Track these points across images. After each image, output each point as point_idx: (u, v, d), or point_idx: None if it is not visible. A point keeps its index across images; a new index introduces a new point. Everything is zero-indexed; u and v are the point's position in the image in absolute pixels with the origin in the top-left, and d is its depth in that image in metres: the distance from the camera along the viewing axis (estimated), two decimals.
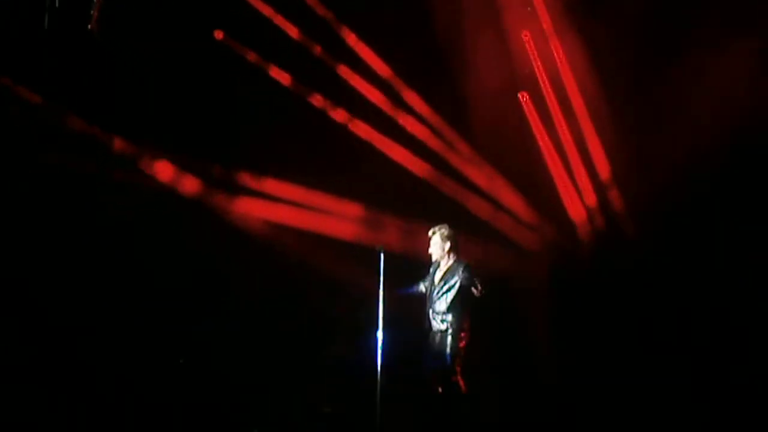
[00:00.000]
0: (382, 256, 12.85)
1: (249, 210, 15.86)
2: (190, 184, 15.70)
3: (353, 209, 15.90)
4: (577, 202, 15.79)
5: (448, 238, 13.07)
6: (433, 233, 13.15)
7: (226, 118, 15.54)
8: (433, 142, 15.90)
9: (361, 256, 14.09)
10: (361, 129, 15.85)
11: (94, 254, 14.91)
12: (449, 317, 12.78)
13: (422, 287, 13.14)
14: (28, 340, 14.26)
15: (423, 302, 13.06)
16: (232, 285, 15.36)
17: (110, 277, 14.89)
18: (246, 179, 15.91)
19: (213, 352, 14.78)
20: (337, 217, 15.85)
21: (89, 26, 14.16)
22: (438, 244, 13.10)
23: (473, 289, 12.65)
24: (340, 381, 14.57)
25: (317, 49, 15.79)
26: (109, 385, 14.16)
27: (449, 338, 12.75)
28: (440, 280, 12.96)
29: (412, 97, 15.84)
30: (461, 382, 12.71)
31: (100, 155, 15.29)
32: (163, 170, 15.59)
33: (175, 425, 13.78)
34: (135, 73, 15.14)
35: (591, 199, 15.74)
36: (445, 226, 13.18)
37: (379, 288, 12.75)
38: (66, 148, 15.06)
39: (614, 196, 15.65)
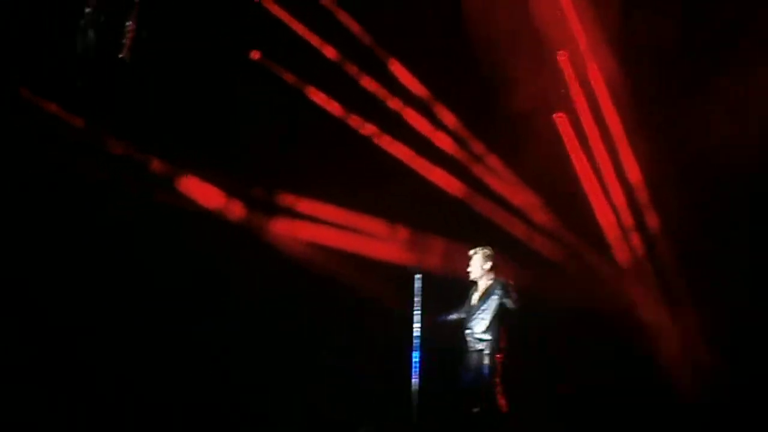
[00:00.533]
0: (417, 278, 12.93)
1: (288, 230, 15.93)
2: (234, 208, 15.83)
3: (389, 230, 15.92)
4: (613, 222, 15.75)
5: (488, 258, 13.12)
6: (474, 253, 13.20)
7: (264, 138, 15.64)
8: (469, 162, 15.91)
9: (397, 277, 14.14)
10: (398, 149, 15.89)
11: (100, 256, 15.01)
12: (487, 336, 12.80)
13: (460, 312, 13.17)
14: (29, 339, 14.32)
15: (461, 323, 13.11)
16: (264, 305, 15.44)
17: (115, 278, 14.98)
18: (285, 200, 15.99)
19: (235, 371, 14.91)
20: (371, 237, 15.89)
21: (121, 53, 14.25)
22: (478, 265, 13.14)
23: (509, 300, 12.65)
24: (376, 401, 14.61)
25: (355, 71, 15.84)
26: (109, 384, 14.25)
27: (486, 357, 12.77)
28: (479, 300, 12.99)
29: (448, 117, 15.87)
30: (501, 400, 12.74)
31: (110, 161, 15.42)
32: (195, 188, 15.71)
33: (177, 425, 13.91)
34: (161, 89, 15.26)
35: (627, 219, 15.71)
36: (486, 246, 13.26)
37: (412, 310, 12.84)
38: (73, 152, 15.19)
39: (650, 216, 15.61)
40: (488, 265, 13.09)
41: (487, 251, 13.17)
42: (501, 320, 12.82)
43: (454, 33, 15.43)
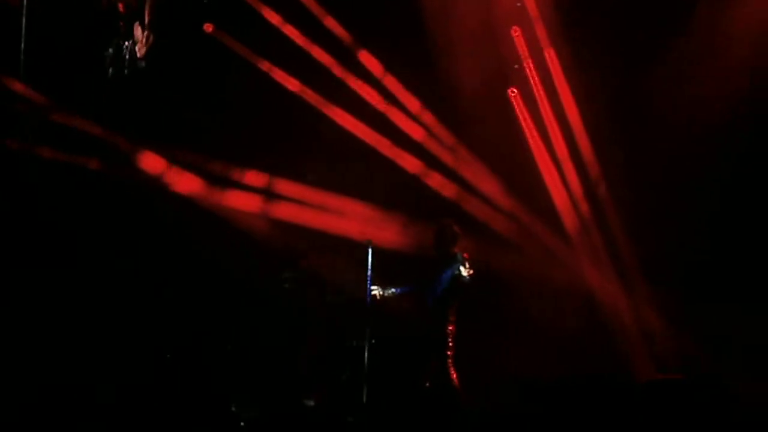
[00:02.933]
0: (370, 250, 12.96)
1: (245, 205, 15.93)
2: (191, 182, 15.84)
3: (347, 205, 15.92)
4: (566, 198, 15.81)
5: (447, 231, 13.14)
6: (436, 227, 13.23)
7: (226, 117, 15.67)
8: (424, 139, 15.93)
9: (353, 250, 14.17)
10: (354, 125, 15.87)
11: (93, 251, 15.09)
12: (438, 310, 12.82)
13: (412, 285, 13.19)
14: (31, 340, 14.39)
15: (415, 298, 13.14)
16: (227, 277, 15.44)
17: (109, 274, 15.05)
18: (242, 175, 15.98)
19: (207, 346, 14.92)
20: (330, 213, 15.89)
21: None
22: (438, 238, 13.16)
23: (462, 269, 12.65)
24: (325, 375, 14.63)
25: (312, 47, 15.82)
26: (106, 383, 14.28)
27: (438, 330, 12.79)
28: (436, 273, 12.99)
29: (402, 93, 15.87)
30: (452, 374, 12.78)
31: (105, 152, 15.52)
32: (156, 165, 15.72)
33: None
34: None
35: (579, 194, 15.77)
36: (447, 219, 13.30)
37: (367, 282, 12.87)
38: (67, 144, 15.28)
39: (602, 191, 15.68)
40: (447, 239, 13.10)
41: (445, 224, 13.21)
42: (453, 293, 12.84)
43: (409, 9, 15.40)
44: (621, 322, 15.54)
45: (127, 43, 14.34)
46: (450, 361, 12.81)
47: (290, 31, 15.76)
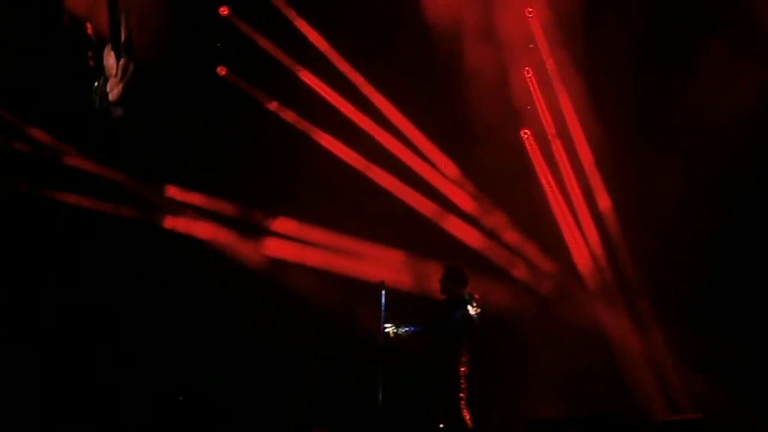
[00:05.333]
0: (384, 292, 12.98)
1: (256, 246, 15.94)
2: (204, 227, 15.94)
3: (359, 246, 15.93)
4: (580, 240, 15.76)
5: (456, 274, 13.15)
6: (444, 270, 13.25)
7: (235, 158, 15.80)
8: (437, 180, 15.95)
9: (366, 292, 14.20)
10: (366, 166, 15.93)
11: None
12: (450, 350, 12.81)
13: (427, 325, 13.19)
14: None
15: (426, 338, 13.12)
16: (238, 319, 15.54)
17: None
18: (255, 218, 16.01)
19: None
20: (342, 254, 15.90)
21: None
22: (446, 281, 13.16)
23: (470, 309, 12.67)
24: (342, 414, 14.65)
25: (323, 87, 15.89)
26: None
27: (450, 371, 12.77)
28: (444, 314, 12.99)
29: (417, 136, 15.90)
30: (466, 415, 12.75)
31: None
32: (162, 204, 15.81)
33: None
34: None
35: (593, 238, 15.72)
36: (454, 263, 13.33)
37: (381, 322, 12.88)
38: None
39: (617, 235, 15.63)
40: (455, 281, 13.12)
41: (453, 267, 13.24)
42: (464, 334, 12.83)
43: (421, 51, 15.52)
44: (634, 362, 15.46)
45: (97, 83, 12.60)
46: (463, 402, 12.79)
47: (305, 75, 15.87)
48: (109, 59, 12.34)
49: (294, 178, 15.81)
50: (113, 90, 12.28)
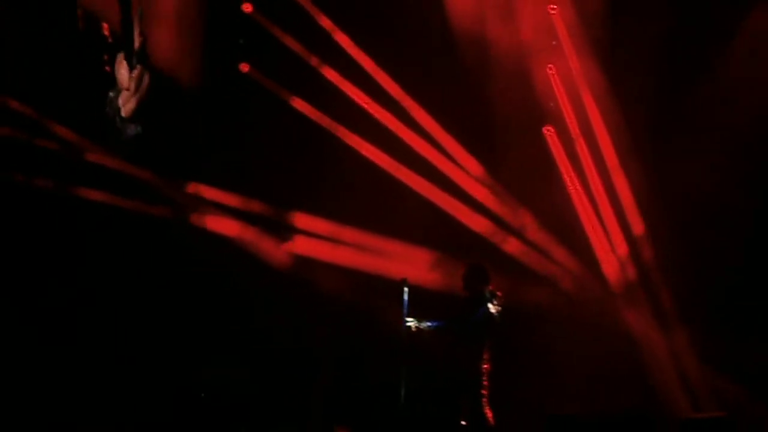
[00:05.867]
0: (406, 289, 12.98)
1: (279, 244, 15.97)
2: (229, 223, 15.92)
3: (383, 244, 15.95)
4: (603, 238, 15.74)
5: (478, 271, 13.15)
6: (466, 267, 13.25)
7: (256, 152, 15.74)
8: (460, 178, 15.94)
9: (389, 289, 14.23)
10: (390, 164, 15.91)
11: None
12: (472, 348, 12.81)
13: (448, 321, 13.18)
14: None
15: (448, 334, 13.12)
16: (260, 317, 15.53)
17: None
18: (279, 215, 16.04)
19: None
20: (366, 252, 15.92)
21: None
22: (468, 278, 13.16)
23: (491, 306, 12.68)
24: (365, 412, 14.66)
25: (348, 86, 15.88)
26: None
27: (473, 367, 12.77)
28: (466, 311, 12.99)
29: (439, 133, 15.87)
30: (488, 413, 12.77)
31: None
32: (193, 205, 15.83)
33: None
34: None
35: (617, 235, 15.70)
36: (476, 261, 13.33)
37: (403, 320, 12.89)
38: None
39: (640, 232, 15.62)
40: (478, 279, 13.11)
41: (476, 265, 13.24)
42: (486, 331, 12.83)
43: (443, 48, 15.55)
44: (657, 361, 15.46)
45: (111, 93, 11.13)
46: (485, 399, 12.79)
47: (328, 72, 15.85)
48: (121, 70, 11.07)
49: (318, 176, 15.80)
50: (126, 105, 10.99)
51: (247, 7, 15.66)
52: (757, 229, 15.01)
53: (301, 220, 16.03)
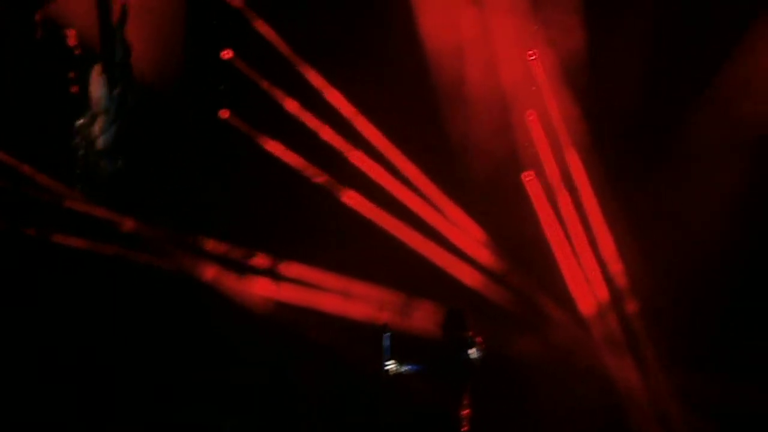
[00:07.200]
0: (387, 334, 12.92)
1: (255, 289, 15.87)
2: (202, 266, 15.81)
3: (357, 287, 15.87)
4: (582, 282, 15.74)
5: (456, 317, 13.08)
6: (445, 312, 13.18)
7: (238, 200, 15.71)
8: (438, 222, 15.90)
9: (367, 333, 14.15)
10: (365, 207, 15.86)
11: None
12: (452, 393, 12.72)
13: (428, 366, 13.10)
14: None
15: (430, 379, 13.05)
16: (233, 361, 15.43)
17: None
18: (253, 258, 15.95)
19: None
20: (341, 295, 15.83)
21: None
22: (447, 324, 13.10)
23: (471, 351, 12.61)
24: None
25: (317, 124, 15.86)
26: None
27: (453, 412, 12.68)
28: (449, 356, 12.91)
29: (415, 175, 15.86)
30: None
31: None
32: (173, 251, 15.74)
33: None
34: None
35: (597, 279, 15.70)
36: (455, 306, 13.26)
37: (383, 365, 12.83)
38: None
39: (619, 276, 15.62)
40: (455, 322, 13.04)
41: (452, 309, 13.17)
42: (465, 377, 12.76)
43: (421, 91, 15.56)
44: (639, 409, 15.41)
45: (81, 119, 9.29)
46: None
47: (308, 118, 15.85)
48: (97, 88, 9.13)
49: (293, 220, 15.75)
50: (104, 134, 9.10)
51: (227, 54, 15.70)
52: (741, 274, 15.05)
53: (278, 264, 15.95)
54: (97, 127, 9.21)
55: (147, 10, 12.40)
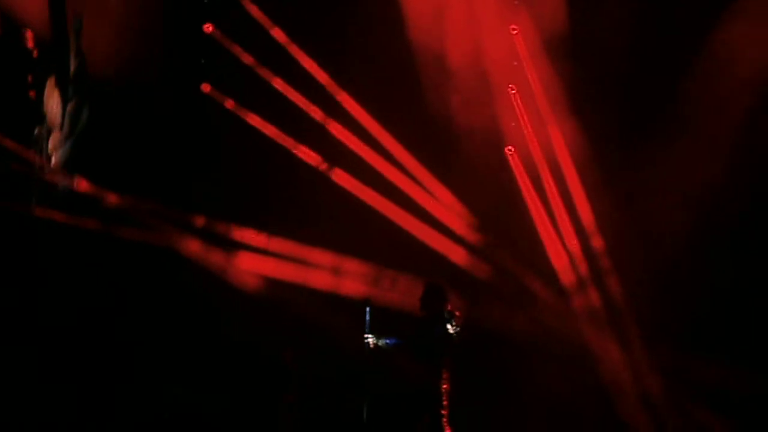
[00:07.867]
0: (368, 309, 12.96)
1: (240, 264, 15.87)
2: (188, 242, 15.77)
3: (344, 263, 15.86)
4: (564, 257, 15.78)
5: (436, 291, 13.10)
6: (424, 286, 13.21)
7: (224, 177, 15.71)
8: (420, 196, 15.92)
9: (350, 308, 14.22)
10: (348, 182, 15.88)
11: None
12: (430, 367, 12.76)
13: (407, 340, 13.14)
14: None
15: (409, 353, 13.08)
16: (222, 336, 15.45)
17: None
18: (237, 233, 15.95)
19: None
20: (325, 270, 15.84)
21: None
22: (426, 298, 13.12)
23: (450, 327, 12.63)
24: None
25: (305, 103, 15.85)
26: None
27: (432, 387, 12.72)
28: (427, 330, 12.94)
29: (398, 150, 15.86)
30: (448, 431, 12.70)
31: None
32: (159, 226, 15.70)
33: None
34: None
35: (578, 253, 15.73)
36: (434, 279, 13.28)
37: (365, 339, 12.87)
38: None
39: (601, 251, 15.64)
40: (438, 298, 13.07)
41: (436, 284, 13.20)
42: (445, 351, 12.79)
43: (404, 67, 15.55)
44: (620, 385, 15.47)
45: (38, 129, 8.34)
46: (445, 419, 12.72)
47: (291, 93, 15.82)
48: (52, 101, 8.20)
49: (280, 197, 15.77)
50: (56, 150, 8.29)
51: (208, 28, 15.66)
52: (725, 248, 15.11)
53: (257, 238, 15.95)
54: (51, 144, 8.55)
55: None
